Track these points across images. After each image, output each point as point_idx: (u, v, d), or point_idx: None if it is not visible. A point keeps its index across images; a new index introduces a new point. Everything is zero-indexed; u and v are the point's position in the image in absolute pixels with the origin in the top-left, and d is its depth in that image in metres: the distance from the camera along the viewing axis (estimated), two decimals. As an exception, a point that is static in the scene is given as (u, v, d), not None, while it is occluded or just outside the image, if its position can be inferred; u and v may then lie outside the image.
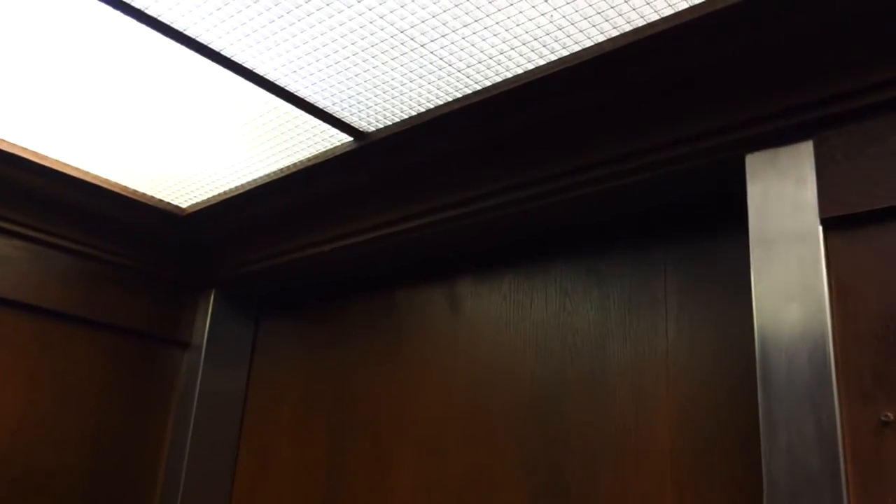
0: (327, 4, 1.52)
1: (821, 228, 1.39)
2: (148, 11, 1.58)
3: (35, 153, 2.19)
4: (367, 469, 2.20)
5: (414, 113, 1.84)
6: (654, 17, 1.47)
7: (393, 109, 1.83)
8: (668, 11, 1.45)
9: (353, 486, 2.21)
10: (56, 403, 2.35)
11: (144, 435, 2.54)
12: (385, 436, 2.19)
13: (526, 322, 2.00)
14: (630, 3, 1.43)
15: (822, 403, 1.31)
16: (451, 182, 1.97)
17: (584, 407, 1.82)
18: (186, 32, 1.64)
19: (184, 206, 2.48)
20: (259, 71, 1.75)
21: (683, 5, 1.43)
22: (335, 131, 1.95)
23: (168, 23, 1.61)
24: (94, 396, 2.44)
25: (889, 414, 1.24)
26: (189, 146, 2.11)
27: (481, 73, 1.68)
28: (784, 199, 1.44)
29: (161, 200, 2.45)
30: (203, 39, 1.66)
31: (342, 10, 1.53)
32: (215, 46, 1.67)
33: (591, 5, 1.45)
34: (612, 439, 1.75)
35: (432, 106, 1.80)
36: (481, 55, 1.62)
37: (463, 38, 1.58)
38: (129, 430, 2.50)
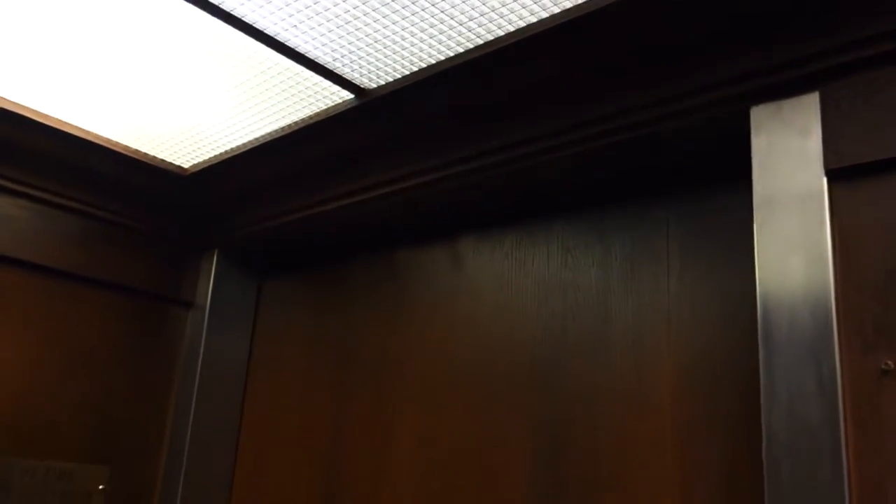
0: (327, -45, 1.50)
1: (825, 180, 1.38)
2: (146, -36, 1.57)
3: (38, 112, 2.18)
4: (370, 424, 2.22)
5: (415, 69, 1.82)
6: (659, -33, 1.45)
7: (394, 65, 1.82)
8: (673, -39, 1.43)
9: (357, 441, 2.24)
10: (63, 361, 2.37)
11: (151, 392, 2.56)
12: (388, 392, 2.21)
13: (528, 279, 2.00)
14: (634, -49, 1.41)
15: (822, 355, 1.32)
16: (453, 138, 1.95)
17: (586, 363, 1.83)
18: (185, -14, 1.62)
19: (186, 165, 2.47)
20: (259, 26, 1.73)
21: (688, -46, 1.41)
22: (336, 88, 1.93)
23: (166, -24, 1.60)
24: (101, 355, 2.46)
25: (889, 362, 1.24)
26: (191, 105, 2.09)
27: (483, 27, 1.66)
28: (789, 151, 1.43)
29: (163, 160, 2.44)
30: (202, -7, 1.64)
31: (342, -38, 1.51)
32: (215, 0, 1.66)
33: (594, -46, 1.43)
34: (613, 395, 1.76)
35: (434, 61, 1.78)
36: (483, 8, 1.60)
37: (464, -10, 1.56)
38: (135, 387, 2.53)
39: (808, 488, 1.27)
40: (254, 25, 1.73)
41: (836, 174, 1.36)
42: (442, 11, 1.62)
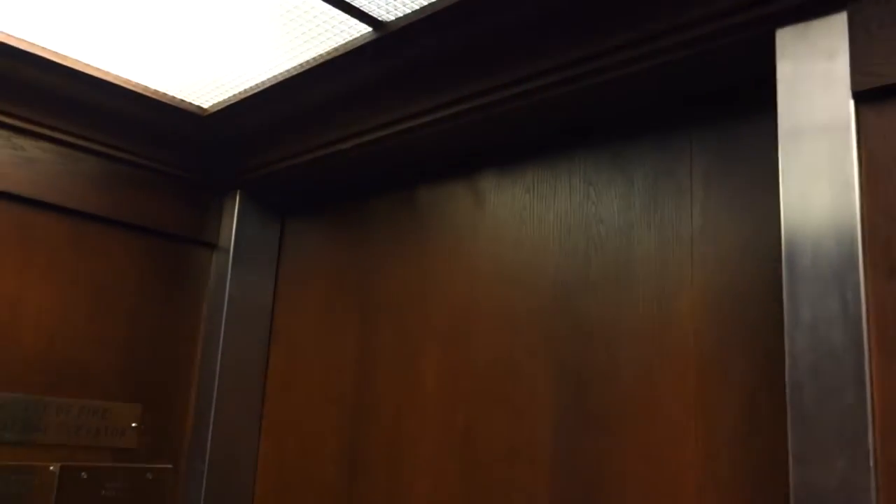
0: None
1: (852, 102, 1.35)
2: None
3: (57, 54, 2.18)
4: (394, 359, 2.25)
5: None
6: None
7: (412, -5, 1.79)
8: None
9: (382, 376, 2.27)
10: (90, 303, 2.42)
11: (178, 332, 2.61)
12: (411, 328, 2.23)
13: (549, 213, 2.00)
14: None
15: (847, 280, 1.31)
16: (473, 72, 1.93)
17: (609, 296, 1.83)
18: (198, -83, 1.60)
19: (206, 105, 2.47)
20: (274, -42, 1.71)
21: None
22: (354, 21, 1.91)
23: None
24: (128, 296, 2.50)
25: (915, 285, 1.23)
26: (208, 44, 2.08)
27: (502, -47, 1.62)
28: (815, 73, 1.40)
29: (183, 101, 2.44)
30: (215, -76, 1.61)
31: None
32: (228, -69, 1.63)
33: None
34: (636, 328, 1.77)
35: (452, -10, 1.75)
36: (501, -67, 1.56)
37: (482, -86, 1.52)
38: (163, 327, 2.57)
39: (832, 412, 1.27)
40: (268, -43, 1.70)
41: (864, 96, 1.33)
42: (459, -63, 1.58)
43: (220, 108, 2.43)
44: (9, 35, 2.09)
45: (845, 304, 1.30)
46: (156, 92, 2.38)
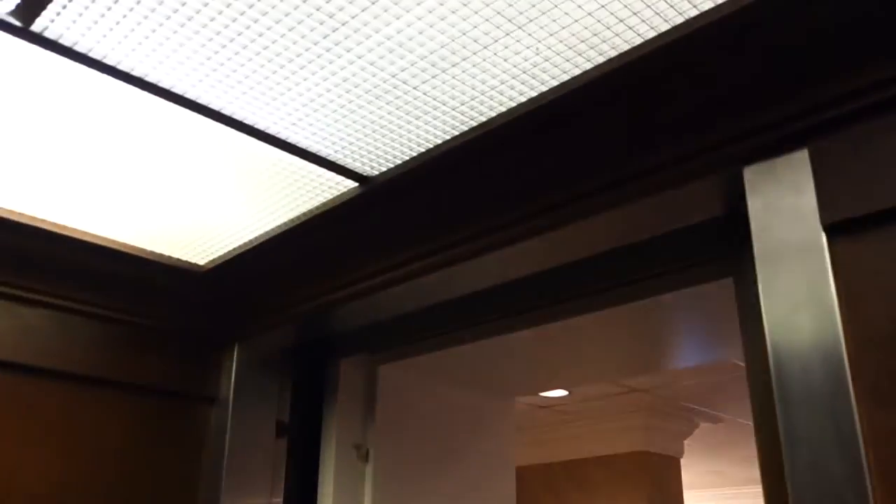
0: (318, 57, 1.56)
1: (824, 236, 1.38)
2: (147, 78, 1.64)
3: (55, 224, 2.25)
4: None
5: (414, 154, 1.87)
6: (638, 41, 1.49)
7: (393, 152, 1.86)
8: (651, 34, 1.47)
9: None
10: (89, 466, 2.38)
11: (178, 490, 2.55)
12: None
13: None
14: (612, 30, 1.46)
15: (841, 412, 1.30)
16: (461, 219, 1.98)
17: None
18: (186, 95, 1.69)
19: (202, 262, 2.52)
20: (260, 126, 1.79)
21: (665, 26, 1.45)
22: (340, 178, 1.98)
23: (168, 87, 1.67)
24: (127, 456, 2.46)
25: (907, 417, 1.22)
26: (202, 205, 2.15)
27: (475, 110, 1.70)
28: (785, 208, 1.43)
29: (179, 259, 2.49)
30: (203, 101, 1.71)
31: (333, 61, 1.57)
32: (215, 106, 1.72)
33: (573, 34, 1.47)
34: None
35: (431, 146, 1.83)
36: (473, 92, 1.64)
37: (453, 78, 1.61)
38: (162, 485, 2.52)
39: (841, 552, 1.23)
40: (255, 126, 1.79)
41: (834, 229, 1.36)
42: (434, 98, 1.67)
43: (216, 263, 2.48)
44: (10, 210, 2.17)
45: (840, 436, 1.28)
46: (152, 253, 2.44)
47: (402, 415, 2.83)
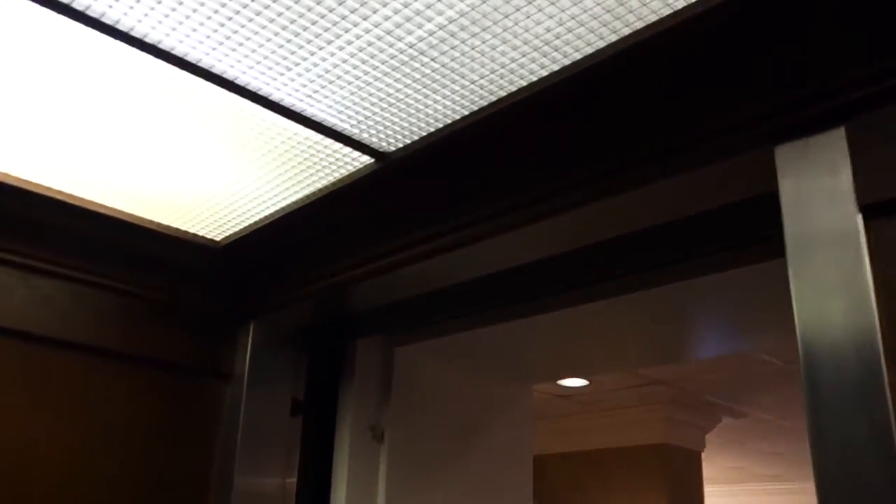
0: (334, 24, 1.51)
1: (860, 217, 1.31)
2: (160, 46, 1.60)
3: (72, 196, 2.23)
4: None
5: (432, 129, 1.81)
6: (667, 11, 1.42)
7: (410, 127, 1.81)
8: (681, 3, 1.40)
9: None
10: (103, 443, 2.37)
11: (191, 467, 2.54)
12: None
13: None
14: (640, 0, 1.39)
15: (875, 405, 1.23)
16: (481, 197, 1.93)
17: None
18: (200, 64, 1.65)
19: (218, 238, 2.50)
20: (275, 98, 1.75)
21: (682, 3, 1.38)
22: (357, 153, 1.94)
23: (181, 55, 1.63)
24: (140, 431, 2.45)
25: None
26: (218, 179, 2.12)
27: (495, 84, 1.64)
28: (818, 189, 1.36)
29: (195, 234, 2.47)
30: (217, 70, 1.66)
31: (349, 29, 1.52)
32: (228, 76, 1.68)
33: (598, 3, 1.41)
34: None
35: (449, 121, 1.77)
36: (493, 65, 1.59)
37: (472, 49, 1.55)
38: (175, 462, 2.50)
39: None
40: (269, 98, 1.75)
41: (871, 210, 1.29)
42: (452, 71, 1.61)
43: (232, 239, 2.45)
44: (23, 179, 2.15)
45: (873, 426, 1.22)
46: (169, 227, 2.41)
47: (418, 397, 2.79)
